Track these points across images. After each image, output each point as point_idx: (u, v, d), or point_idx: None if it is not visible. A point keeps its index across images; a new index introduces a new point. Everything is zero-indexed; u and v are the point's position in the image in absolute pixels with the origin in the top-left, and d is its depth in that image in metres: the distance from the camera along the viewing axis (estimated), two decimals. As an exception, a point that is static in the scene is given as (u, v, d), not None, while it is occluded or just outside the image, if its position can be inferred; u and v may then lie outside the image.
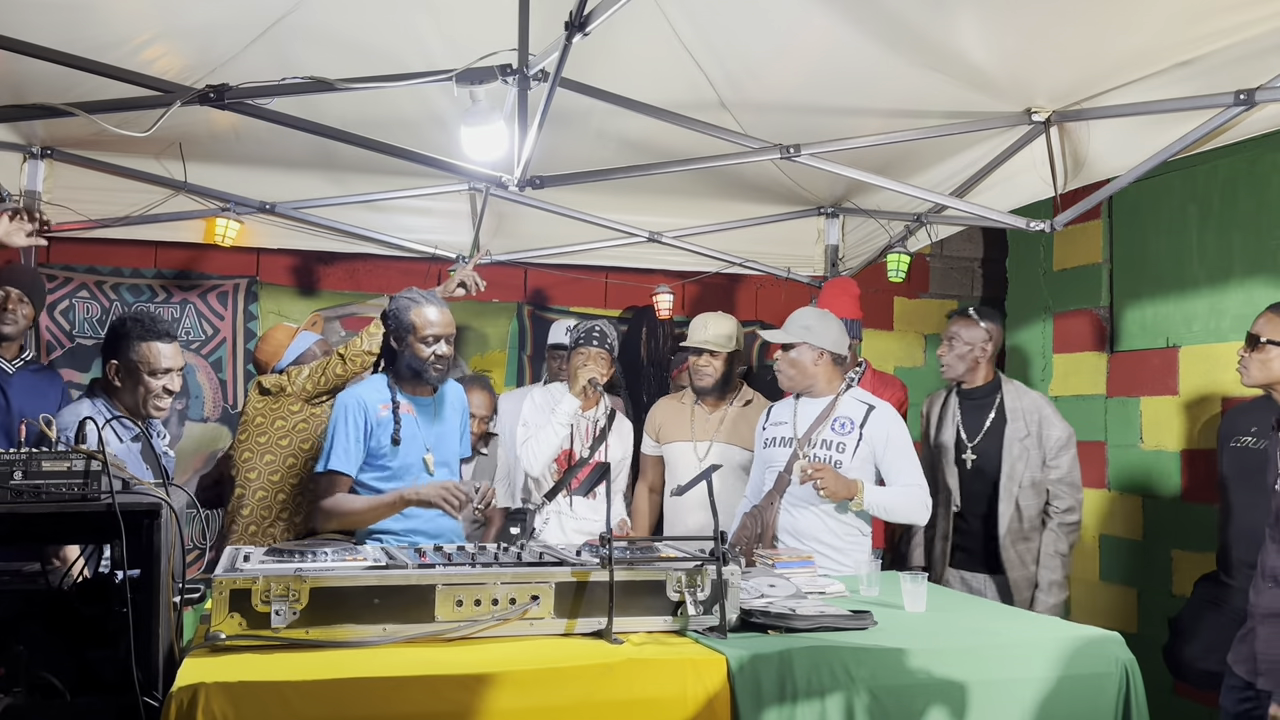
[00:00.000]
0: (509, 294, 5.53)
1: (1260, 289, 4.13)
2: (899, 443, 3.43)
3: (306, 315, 5.17)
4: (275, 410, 3.78)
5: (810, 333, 3.51)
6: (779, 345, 3.60)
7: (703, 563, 2.45)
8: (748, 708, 2.17)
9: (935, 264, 6.16)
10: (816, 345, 3.50)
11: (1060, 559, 3.72)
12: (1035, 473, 3.74)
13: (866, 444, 3.41)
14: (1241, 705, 2.83)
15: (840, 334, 3.58)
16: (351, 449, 3.15)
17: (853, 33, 3.10)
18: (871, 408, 3.47)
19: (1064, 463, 3.75)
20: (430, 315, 3.21)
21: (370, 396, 3.21)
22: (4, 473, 1.97)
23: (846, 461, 3.40)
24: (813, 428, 3.48)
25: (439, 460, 3.29)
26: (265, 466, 3.74)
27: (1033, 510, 3.75)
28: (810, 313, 3.66)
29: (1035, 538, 3.75)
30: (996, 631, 2.64)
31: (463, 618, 2.27)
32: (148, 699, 1.97)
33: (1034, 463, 3.74)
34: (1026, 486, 3.74)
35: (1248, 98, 2.97)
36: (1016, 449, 3.75)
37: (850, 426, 3.44)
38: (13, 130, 4.07)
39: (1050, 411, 3.79)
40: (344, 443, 3.15)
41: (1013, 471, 3.75)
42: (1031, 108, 3.55)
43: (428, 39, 3.18)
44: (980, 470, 3.83)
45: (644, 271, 5.33)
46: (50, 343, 4.94)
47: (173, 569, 2.09)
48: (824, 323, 3.56)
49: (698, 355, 4.05)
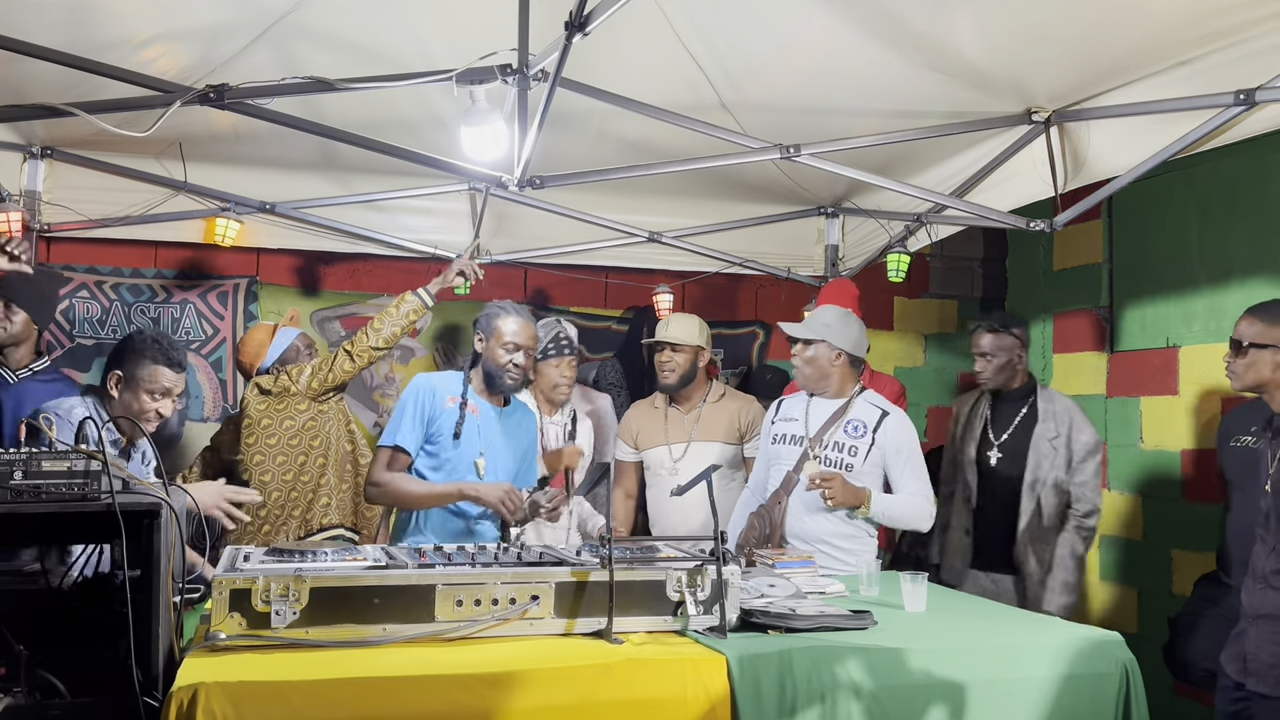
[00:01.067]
0: (509, 294, 5.51)
1: (1260, 289, 4.13)
2: (910, 451, 3.43)
3: (307, 315, 5.18)
4: (281, 410, 3.79)
5: (830, 331, 3.49)
6: (790, 343, 3.58)
7: (703, 563, 2.45)
8: (748, 708, 2.17)
9: (935, 264, 6.15)
10: (836, 345, 3.48)
11: (1075, 561, 3.74)
12: (1060, 474, 3.76)
13: (878, 449, 3.41)
14: (1234, 706, 2.83)
15: (861, 336, 3.56)
16: (416, 430, 3.23)
17: (853, 33, 3.10)
18: (886, 414, 3.46)
19: (1090, 468, 3.77)
20: (513, 324, 3.32)
21: (442, 385, 3.30)
22: (4, 473, 1.97)
23: (858, 465, 3.39)
24: (824, 429, 3.47)
25: (489, 469, 3.31)
26: (279, 468, 3.76)
27: (1052, 510, 3.76)
28: (833, 311, 3.64)
29: (1051, 539, 3.76)
30: (996, 631, 2.64)
31: (463, 618, 2.27)
32: (148, 699, 1.96)
33: (1060, 464, 3.76)
34: (1049, 486, 3.76)
35: (1248, 98, 2.96)
36: (1045, 448, 3.78)
37: (863, 431, 3.43)
38: (13, 130, 4.07)
39: (1082, 419, 3.83)
40: (410, 422, 3.23)
41: (1038, 469, 3.77)
42: (1031, 108, 3.56)
43: (428, 39, 3.18)
44: (1004, 468, 3.85)
45: (644, 271, 5.33)
46: (50, 343, 4.93)
47: (173, 569, 2.09)
48: (845, 323, 3.54)
49: (660, 352, 4.10)
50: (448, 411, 3.26)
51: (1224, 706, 2.89)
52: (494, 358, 3.30)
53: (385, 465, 3.23)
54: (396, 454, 3.22)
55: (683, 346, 4.07)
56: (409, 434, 3.22)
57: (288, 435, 3.77)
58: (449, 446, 3.23)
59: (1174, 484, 4.55)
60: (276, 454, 3.77)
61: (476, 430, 3.29)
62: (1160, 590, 4.54)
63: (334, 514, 3.84)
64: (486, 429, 3.32)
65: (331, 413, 3.85)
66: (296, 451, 3.77)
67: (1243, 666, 2.73)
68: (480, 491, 3.14)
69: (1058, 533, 3.77)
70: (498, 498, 3.11)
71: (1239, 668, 2.75)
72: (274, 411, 3.79)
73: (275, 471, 3.76)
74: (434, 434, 3.25)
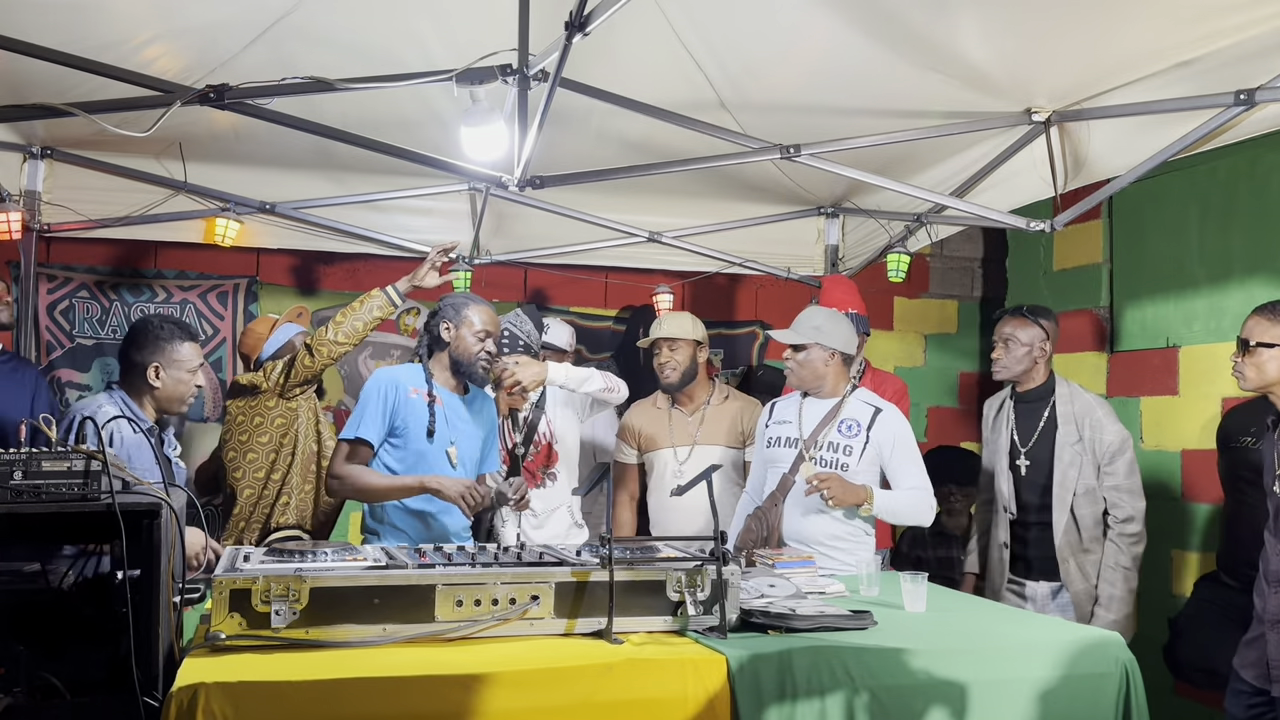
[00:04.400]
0: (509, 294, 5.52)
1: (1260, 289, 4.13)
2: (905, 445, 3.42)
3: (307, 315, 5.18)
4: (253, 409, 3.79)
5: (821, 333, 3.48)
6: (787, 344, 3.58)
7: (703, 563, 2.45)
8: (748, 708, 2.17)
9: (935, 264, 6.16)
10: (828, 346, 3.47)
11: (1122, 572, 3.47)
12: (1090, 480, 3.53)
13: (873, 447, 3.40)
14: (1250, 711, 2.80)
15: (850, 333, 3.56)
16: (378, 422, 3.21)
17: (853, 33, 3.10)
18: (879, 410, 3.45)
19: (1120, 468, 3.51)
20: (484, 313, 3.33)
21: (404, 377, 3.29)
22: (4, 473, 1.97)
23: (853, 464, 3.39)
24: (819, 429, 3.47)
25: (460, 458, 3.31)
26: (249, 465, 3.76)
27: (1090, 519, 3.54)
28: (820, 312, 3.64)
29: (1096, 549, 3.53)
30: (996, 632, 2.64)
31: (463, 618, 2.27)
32: (148, 699, 1.96)
33: (1088, 469, 3.53)
34: (1081, 494, 3.53)
35: (1248, 98, 2.96)
36: (1068, 455, 3.55)
37: (857, 429, 3.43)
38: (13, 130, 4.07)
39: (1103, 414, 3.56)
40: (373, 415, 3.21)
41: (1064, 479, 3.55)
42: (1031, 108, 3.55)
43: (428, 39, 3.18)
44: (1034, 476, 3.63)
45: (644, 271, 5.33)
46: (50, 343, 4.94)
47: (173, 569, 2.09)
48: (834, 323, 3.53)
49: (658, 352, 4.07)
50: (412, 403, 3.24)
51: (1239, 712, 2.84)
52: (465, 347, 3.28)
53: (345, 458, 3.21)
54: (357, 446, 3.20)
55: (679, 342, 4.04)
56: (371, 426, 3.20)
57: (257, 433, 3.77)
58: (420, 439, 3.22)
59: (1174, 484, 4.55)
60: (247, 451, 3.77)
61: (445, 420, 3.27)
62: (1160, 590, 4.54)
63: (291, 514, 3.83)
64: (453, 418, 3.30)
65: (302, 410, 3.84)
66: (267, 449, 3.77)
67: (1264, 673, 2.70)
68: (442, 485, 3.09)
69: (1102, 543, 3.53)
70: (458, 493, 3.05)
71: (1260, 674, 2.72)
72: (248, 409, 3.80)
73: (247, 469, 3.75)
74: (399, 427, 3.23)
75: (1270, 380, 2.77)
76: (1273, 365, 2.76)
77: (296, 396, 3.79)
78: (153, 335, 3.09)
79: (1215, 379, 4.35)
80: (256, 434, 3.77)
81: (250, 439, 3.77)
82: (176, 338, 3.11)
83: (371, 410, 3.21)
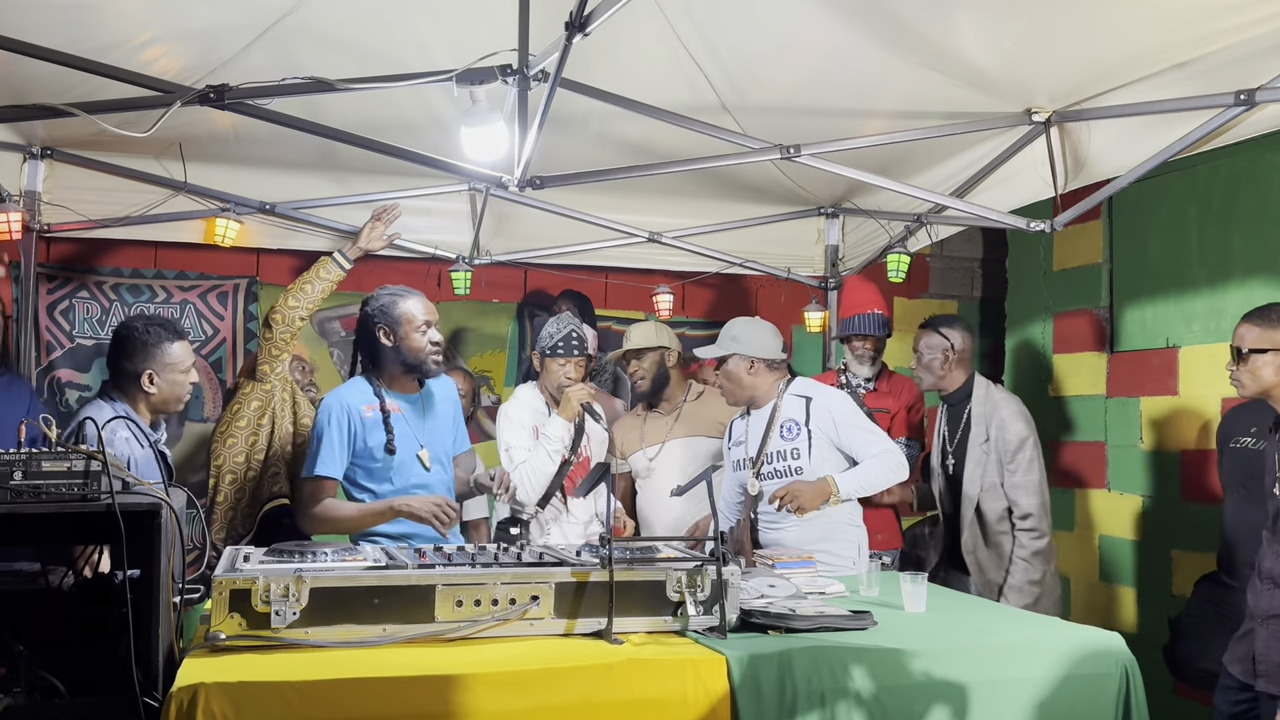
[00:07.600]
0: (509, 294, 5.52)
1: (1260, 289, 4.13)
2: (848, 419, 3.43)
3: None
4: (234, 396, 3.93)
5: (738, 342, 3.50)
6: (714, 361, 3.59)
7: (703, 563, 2.45)
8: (748, 708, 2.18)
9: (935, 264, 6.16)
10: (747, 355, 3.48)
11: (1020, 564, 3.67)
12: (994, 477, 3.73)
13: (818, 436, 3.41)
14: (1236, 706, 2.83)
15: (772, 338, 3.56)
16: (337, 453, 3.15)
17: (853, 34, 3.10)
18: (809, 398, 3.46)
19: (1020, 464, 3.70)
20: (420, 305, 3.26)
21: (353, 398, 3.21)
22: (4, 473, 1.97)
23: (807, 464, 3.40)
24: (763, 443, 3.47)
25: (433, 457, 3.28)
26: (229, 451, 3.81)
27: (993, 515, 3.74)
28: (739, 322, 3.64)
29: (1006, 542, 3.72)
30: (996, 632, 2.64)
31: (463, 618, 2.27)
32: (148, 699, 1.97)
33: (992, 468, 3.73)
34: (985, 491, 3.74)
35: (1248, 98, 2.97)
36: (976, 454, 3.76)
37: (796, 428, 3.44)
38: (13, 130, 4.07)
39: (1008, 412, 3.76)
40: (329, 447, 3.14)
41: (971, 477, 3.76)
42: (1031, 108, 3.55)
43: (428, 40, 3.18)
44: (958, 476, 3.86)
45: (644, 272, 5.33)
46: (50, 343, 4.94)
47: (173, 569, 2.10)
48: (752, 330, 3.54)
49: (627, 365, 4.13)
50: (369, 422, 3.18)
51: (1226, 707, 2.88)
52: (412, 345, 3.21)
53: (311, 499, 3.15)
54: (319, 484, 3.15)
55: (645, 352, 4.08)
56: (330, 460, 3.14)
57: (236, 420, 3.84)
58: (384, 457, 3.17)
59: (1173, 484, 4.55)
60: (227, 437, 3.82)
61: (407, 427, 3.23)
62: (1160, 590, 4.54)
63: (284, 482, 3.86)
64: (416, 422, 3.26)
65: (276, 391, 3.90)
66: (246, 432, 3.82)
67: (1250, 667, 2.72)
68: (412, 506, 3.07)
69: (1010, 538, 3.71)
70: (429, 511, 3.04)
71: (1246, 668, 2.74)
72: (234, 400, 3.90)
73: (227, 456, 3.81)
74: (361, 450, 3.18)
75: (1267, 385, 2.79)
76: (1268, 371, 2.78)
77: (269, 376, 3.83)
78: (140, 341, 3.02)
79: (1215, 379, 4.34)
80: (235, 420, 3.84)
81: (229, 427, 3.85)
82: (165, 340, 3.03)
83: (328, 444, 3.14)
